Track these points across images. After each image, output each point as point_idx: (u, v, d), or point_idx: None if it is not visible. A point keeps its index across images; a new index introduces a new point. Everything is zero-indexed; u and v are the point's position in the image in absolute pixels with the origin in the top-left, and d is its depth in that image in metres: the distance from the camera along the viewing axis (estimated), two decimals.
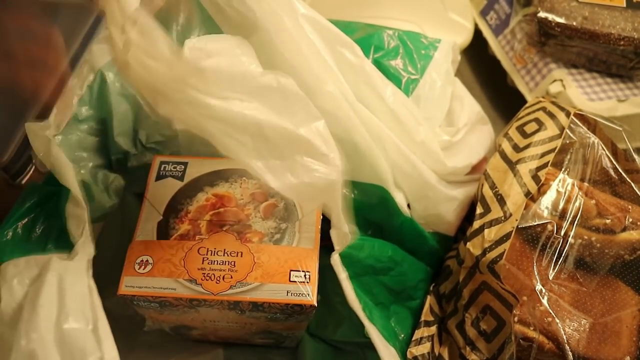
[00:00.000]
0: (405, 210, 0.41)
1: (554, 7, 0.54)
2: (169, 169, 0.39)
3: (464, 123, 0.47)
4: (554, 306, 0.35)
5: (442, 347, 0.40)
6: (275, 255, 0.35)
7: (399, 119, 0.40)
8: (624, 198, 0.41)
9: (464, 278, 0.40)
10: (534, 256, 0.37)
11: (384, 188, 0.40)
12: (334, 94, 0.35)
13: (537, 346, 0.34)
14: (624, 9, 0.54)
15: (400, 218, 0.41)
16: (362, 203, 0.41)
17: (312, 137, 0.30)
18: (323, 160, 0.30)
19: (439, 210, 0.43)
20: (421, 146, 0.41)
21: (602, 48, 0.54)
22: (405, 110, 0.40)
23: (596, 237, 0.39)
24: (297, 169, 0.30)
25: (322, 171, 0.30)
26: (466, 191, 0.44)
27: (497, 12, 0.63)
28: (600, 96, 0.55)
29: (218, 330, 0.41)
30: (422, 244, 0.43)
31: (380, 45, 0.46)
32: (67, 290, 0.30)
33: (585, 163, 0.42)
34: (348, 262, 0.36)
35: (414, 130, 0.41)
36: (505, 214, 0.38)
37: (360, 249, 0.37)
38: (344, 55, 0.38)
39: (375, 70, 0.39)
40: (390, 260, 0.40)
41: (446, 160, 0.42)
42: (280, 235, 0.36)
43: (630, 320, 0.36)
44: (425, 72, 0.46)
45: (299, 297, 0.34)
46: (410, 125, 0.40)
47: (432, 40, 0.49)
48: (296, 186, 0.30)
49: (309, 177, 0.30)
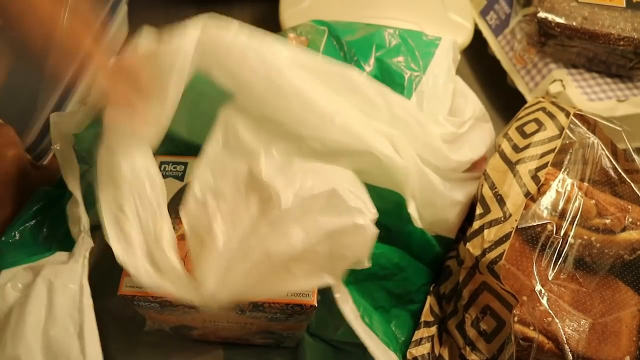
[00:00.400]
0: (417, 220, 0.41)
1: (554, 7, 0.54)
2: (169, 169, 0.39)
3: (469, 116, 0.47)
4: (553, 306, 0.35)
5: (442, 347, 0.40)
6: None
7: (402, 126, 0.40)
8: (624, 198, 0.41)
9: (463, 278, 0.40)
10: (534, 256, 0.37)
11: (401, 195, 0.40)
12: (347, 122, 0.35)
13: (536, 346, 0.34)
14: (623, 9, 0.54)
15: (410, 226, 0.41)
16: (377, 206, 0.41)
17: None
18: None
19: (445, 215, 0.43)
20: (425, 147, 0.41)
21: (602, 48, 0.54)
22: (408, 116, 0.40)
23: (596, 237, 0.39)
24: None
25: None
26: (468, 193, 0.44)
27: (497, 12, 0.63)
28: (600, 96, 0.55)
29: (218, 330, 0.41)
30: (429, 251, 0.43)
31: (382, 43, 0.46)
32: (56, 295, 0.30)
33: (585, 163, 0.42)
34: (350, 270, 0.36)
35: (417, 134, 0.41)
36: (504, 214, 0.38)
37: None
38: (340, 84, 0.38)
39: (369, 85, 0.39)
40: (396, 267, 0.40)
41: (450, 154, 0.42)
42: None
43: (630, 320, 0.36)
44: (427, 69, 0.46)
45: (299, 297, 0.34)
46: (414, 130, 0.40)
47: (433, 37, 0.49)
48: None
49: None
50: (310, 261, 0.30)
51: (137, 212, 0.31)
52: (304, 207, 0.31)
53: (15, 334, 0.29)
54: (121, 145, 0.31)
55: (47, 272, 0.32)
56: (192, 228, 0.32)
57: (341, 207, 0.31)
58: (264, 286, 0.31)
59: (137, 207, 0.31)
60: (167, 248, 0.31)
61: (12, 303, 0.31)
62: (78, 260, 0.33)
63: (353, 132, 0.35)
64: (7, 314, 0.31)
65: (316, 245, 0.30)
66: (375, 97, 0.39)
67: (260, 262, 0.30)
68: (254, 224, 0.31)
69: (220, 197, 0.32)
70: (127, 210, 0.31)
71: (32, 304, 0.30)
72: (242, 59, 0.33)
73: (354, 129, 0.36)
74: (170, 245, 0.31)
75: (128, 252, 0.30)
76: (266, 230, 0.30)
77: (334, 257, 0.31)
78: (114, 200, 0.31)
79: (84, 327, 0.30)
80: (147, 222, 0.31)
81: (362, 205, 0.31)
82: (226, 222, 0.31)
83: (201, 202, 0.32)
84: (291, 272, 0.30)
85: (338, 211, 0.31)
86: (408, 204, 0.40)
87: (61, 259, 0.35)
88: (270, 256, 0.30)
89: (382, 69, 0.46)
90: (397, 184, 0.39)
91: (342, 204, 0.31)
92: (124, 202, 0.31)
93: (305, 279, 0.31)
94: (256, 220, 0.31)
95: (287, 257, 0.30)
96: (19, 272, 0.33)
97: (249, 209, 0.31)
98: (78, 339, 0.30)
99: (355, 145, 0.36)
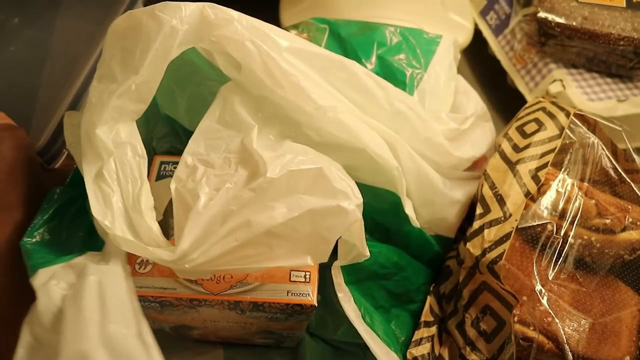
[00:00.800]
0: (414, 220, 0.41)
1: (554, 7, 0.54)
2: (169, 169, 0.39)
3: (471, 113, 0.47)
4: (553, 306, 0.35)
5: (442, 347, 0.40)
6: None
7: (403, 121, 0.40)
8: (624, 198, 0.41)
9: (463, 278, 0.40)
10: (534, 256, 0.37)
11: (397, 195, 0.40)
12: (339, 118, 0.35)
13: (536, 346, 0.34)
14: (623, 9, 0.54)
15: (408, 226, 0.41)
16: (373, 207, 0.41)
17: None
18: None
19: (444, 214, 0.43)
20: (426, 142, 0.41)
21: (602, 48, 0.54)
22: (408, 110, 0.40)
23: (596, 237, 0.39)
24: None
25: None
26: (468, 192, 0.44)
27: (497, 12, 0.63)
28: (600, 96, 0.55)
29: (218, 330, 0.41)
30: (428, 250, 0.43)
31: (383, 41, 0.46)
32: (107, 295, 0.30)
33: (585, 163, 0.42)
34: (350, 269, 0.36)
35: (418, 128, 0.41)
36: (505, 214, 0.38)
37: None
38: (336, 75, 0.38)
39: (370, 78, 0.39)
40: (395, 266, 0.40)
41: (452, 150, 0.42)
42: None
43: (630, 320, 0.36)
44: (429, 67, 0.46)
45: (299, 297, 0.34)
46: (415, 124, 0.40)
47: (434, 35, 0.49)
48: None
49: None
50: (291, 239, 0.30)
51: (117, 177, 0.32)
52: (290, 182, 0.31)
53: (77, 331, 0.28)
54: (103, 116, 0.31)
55: (93, 272, 0.31)
56: (178, 194, 0.32)
57: (327, 188, 0.31)
58: (241, 256, 0.30)
59: (118, 173, 0.32)
60: (144, 210, 0.31)
61: (59, 301, 0.31)
62: (117, 263, 0.33)
63: (346, 128, 0.35)
64: (56, 312, 0.31)
65: (298, 222, 0.30)
66: (376, 89, 0.39)
67: (240, 229, 0.30)
68: (238, 192, 0.31)
69: (210, 166, 0.32)
70: (107, 175, 0.31)
71: (87, 301, 0.29)
72: (240, 42, 0.33)
73: (347, 124, 0.36)
74: (148, 209, 0.31)
75: (106, 213, 0.31)
76: (249, 196, 0.30)
77: (315, 238, 0.30)
78: (95, 166, 0.32)
79: (141, 330, 0.30)
80: (126, 187, 0.32)
81: (348, 189, 0.31)
82: (211, 187, 0.31)
83: (191, 168, 0.32)
84: (271, 249, 0.30)
85: (323, 191, 0.30)
86: (404, 203, 0.40)
87: (96, 259, 0.34)
88: (250, 224, 0.29)
89: (383, 66, 0.46)
90: (393, 183, 0.39)
91: (328, 184, 0.31)
92: (105, 168, 0.31)
93: (285, 257, 0.30)
94: (241, 188, 0.31)
95: (267, 228, 0.29)
96: (58, 271, 0.33)
97: (236, 178, 0.31)
98: (138, 339, 0.29)
99: (350, 141, 0.36)
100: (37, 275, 0.32)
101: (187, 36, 0.31)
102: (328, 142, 0.35)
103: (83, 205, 0.39)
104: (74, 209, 0.39)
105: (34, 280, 0.32)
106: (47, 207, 0.38)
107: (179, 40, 0.31)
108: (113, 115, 0.32)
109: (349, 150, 0.36)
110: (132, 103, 0.32)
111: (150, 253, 0.30)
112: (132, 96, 0.31)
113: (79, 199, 0.39)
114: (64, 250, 0.36)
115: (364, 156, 0.37)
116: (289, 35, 0.36)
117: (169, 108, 0.42)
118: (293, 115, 0.35)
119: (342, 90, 0.38)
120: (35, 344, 0.31)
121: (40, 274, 0.33)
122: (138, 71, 0.31)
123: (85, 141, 0.32)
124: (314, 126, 0.35)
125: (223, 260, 0.30)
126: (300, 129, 0.36)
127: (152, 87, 0.32)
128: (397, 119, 0.40)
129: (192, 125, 0.38)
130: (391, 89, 0.40)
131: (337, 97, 0.37)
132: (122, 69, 0.31)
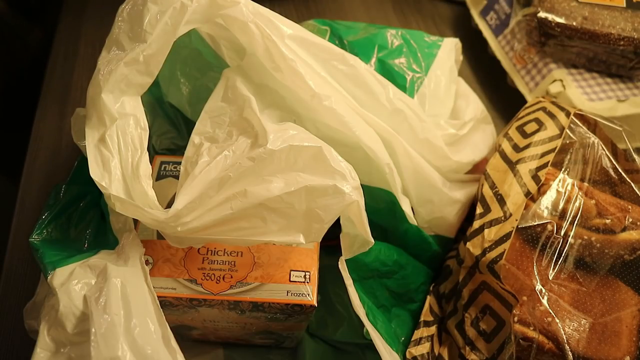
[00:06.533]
0: (411, 217, 0.41)
1: (554, 7, 0.54)
2: (169, 169, 0.39)
3: (469, 118, 0.47)
4: (553, 306, 0.35)
5: (441, 347, 0.40)
6: (275, 255, 0.35)
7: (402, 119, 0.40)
8: (624, 198, 0.41)
9: (463, 278, 0.40)
10: (534, 256, 0.37)
11: (392, 193, 0.40)
12: (334, 107, 0.36)
13: (536, 346, 0.34)
14: (623, 9, 0.54)
15: (406, 225, 0.41)
16: (370, 206, 0.41)
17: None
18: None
19: (443, 213, 0.43)
20: (425, 143, 0.41)
21: (602, 48, 0.54)
22: (408, 110, 0.40)
23: (596, 237, 0.39)
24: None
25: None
26: (468, 192, 0.44)
27: (497, 12, 0.63)
28: (600, 96, 0.55)
29: (218, 330, 0.41)
30: (426, 249, 0.43)
31: (384, 44, 0.46)
32: (131, 299, 0.30)
33: (585, 163, 0.42)
34: (354, 266, 0.36)
35: (417, 128, 0.41)
36: (505, 214, 0.38)
37: (367, 254, 0.37)
38: (336, 68, 0.38)
39: (371, 74, 0.39)
40: (396, 264, 0.40)
41: (451, 155, 0.42)
42: None
43: (630, 320, 0.36)
44: (429, 70, 0.46)
45: (299, 297, 0.34)
46: (414, 124, 0.40)
47: (435, 39, 0.49)
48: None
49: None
50: (285, 215, 0.30)
51: (118, 145, 0.32)
52: (289, 157, 0.31)
53: (107, 338, 0.28)
54: (109, 82, 0.32)
55: (115, 274, 0.31)
56: (185, 169, 0.32)
57: (325, 167, 0.31)
58: (235, 227, 0.30)
59: (119, 141, 0.32)
60: (142, 177, 0.31)
61: (80, 302, 0.31)
62: (136, 264, 0.33)
63: (340, 118, 0.36)
64: (79, 315, 0.30)
65: (293, 198, 0.30)
66: (376, 86, 0.39)
67: (235, 198, 0.30)
68: (237, 159, 0.31)
69: (214, 141, 0.33)
70: (109, 141, 0.32)
71: (114, 307, 0.29)
72: (244, 23, 0.33)
73: (342, 115, 0.36)
74: (145, 176, 0.32)
75: (104, 175, 0.31)
76: (248, 165, 0.30)
77: (310, 216, 0.30)
78: (98, 131, 0.32)
79: (166, 334, 0.30)
80: (126, 156, 0.32)
81: (346, 171, 0.31)
82: (211, 157, 0.32)
83: (197, 147, 0.33)
84: (265, 223, 0.30)
85: (321, 170, 0.31)
86: (400, 200, 0.40)
87: (113, 258, 0.34)
88: (246, 194, 0.30)
89: (384, 70, 0.45)
90: (387, 181, 0.39)
91: (327, 164, 0.31)
92: (108, 133, 0.32)
93: (278, 232, 0.31)
94: (240, 156, 0.31)
95: (262, 199, 0.30)
96: (76, 270, 0.33)
97: (234, 147, 0.32)
98: (164, 344, 0.29)
99: (344, 134, 0.36)
100: (55, 274, 0.32)
101: (195, 14, 0.32)
102: (325, 136, 0.35)
103: (90, 203, 0.40)
104: (81, 207, 0.39)
105: (53, 279, 0.32)
106: (53, 204, 0.38)
107: (187, 17, 0.31)
108: (119, 86, 0.32)
109: (344, 147, 0.36)
110: (139, 75, 0.32)
111: (144, 213, 0.30)
112: (140, 67, 0.32)
113: (85, 196, 0.39)
114: (74, 248, 0.36)
115: (359, 153, 0.37)
116: (293, 24, 0.36)
117: (174, 96, 0.43)
118: (292, 105, 0.36)
119: (342, 83, 0.38)
120: (54, 346, 0.31)
121: (59, 273, 0.33)
122: (146, 40, 0.31)
123: (91, 106, 0.32)
124: (311, 117, 0.36)
125: (216, 230, 0.30)
126: (299, 120, 0.36)
127: (159, 61, 0.32)
128: (396, 117, 0.40)
129: (195, 116, 0.38)
130: (391, 87, 0.40)
131: (335, 87, 0.37)
132: (131, 38, 0.32)
